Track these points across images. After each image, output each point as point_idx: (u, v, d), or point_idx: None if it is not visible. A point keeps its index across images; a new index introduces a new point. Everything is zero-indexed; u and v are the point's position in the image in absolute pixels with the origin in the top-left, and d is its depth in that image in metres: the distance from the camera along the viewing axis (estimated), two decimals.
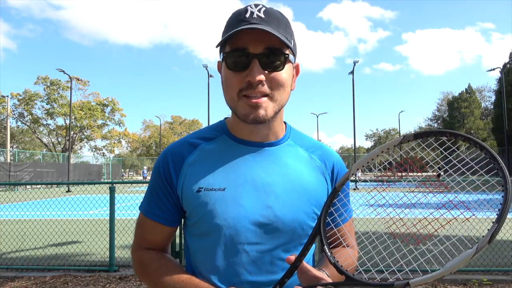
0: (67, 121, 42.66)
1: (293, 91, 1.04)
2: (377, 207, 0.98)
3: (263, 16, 0.92)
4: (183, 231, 1.14)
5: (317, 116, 49.51)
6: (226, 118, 1.12)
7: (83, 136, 47.68)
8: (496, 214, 0.72)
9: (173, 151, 1.05)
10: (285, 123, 1.11)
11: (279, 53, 0.94)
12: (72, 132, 40.80)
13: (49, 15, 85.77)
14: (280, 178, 1.01)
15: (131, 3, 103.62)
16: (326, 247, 0.90)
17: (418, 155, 1.00)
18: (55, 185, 19.29)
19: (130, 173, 63.56)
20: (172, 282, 0.97)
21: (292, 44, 0.96)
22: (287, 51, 0.96)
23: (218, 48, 1.00)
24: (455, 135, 0.83)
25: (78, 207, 10.97)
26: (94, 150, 51.33)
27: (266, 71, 0.93)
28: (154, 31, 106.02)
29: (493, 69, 29.65)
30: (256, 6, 0.94)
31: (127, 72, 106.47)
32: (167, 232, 1.07)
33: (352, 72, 26.69)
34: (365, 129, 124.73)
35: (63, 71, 28.23)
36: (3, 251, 6.73)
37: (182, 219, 1.09)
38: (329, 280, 0.87)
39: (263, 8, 0.94)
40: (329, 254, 0.88)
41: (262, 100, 0.94)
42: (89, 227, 8.28)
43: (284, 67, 0.96)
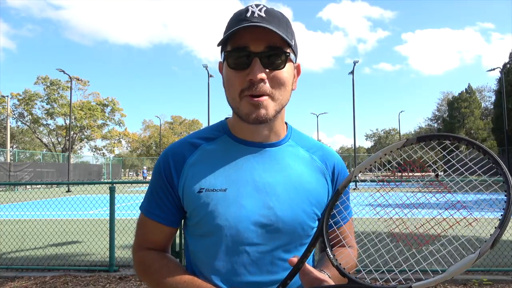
0: (67, 121, 42.70)
1: (293, 91, 1.03)
2: (378, 207, 0.98)
3: (264, 15, 0.93)
4: (183, 231, 1.14)
5: (317, 116, 49.56)
6: (227, 118, 1.12)
7: (83, 136, 47.66)
8: (499, 219, 0.72)
9: (174, 151, 1.05)
10: (286, 123, 1.11)
11: (280, 52, 0.94)
12: (72, 132, 40.80)
13: (49, 15, 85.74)
14: (281, 178, 1.01)
15: (131, 3, 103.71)
16: (329, 249, 0.89)
17: (420, 156, 1.00)
18: (55, 185, 19.29)
19: (130, 173, 63.53)
20: (174, 283, 0.97)
21: (293, 43, 0.96)
22: (288, 50, 0.96)
23: (220, 49, 1.00)
24: (458, 139, 0.83)
25: (78, 207, 10.98)
26: (94, 150, 51.36)
27: (267, 70, 0.93)
28: (153, 31, 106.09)
29: (493, 69, 29.62)
30: (257, 6, 0.95)
31: (127, 72, 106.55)
32: (167, 232, 1.07)
33: (352, 72, 26.69)
34: (365, 129, 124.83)
35: (63, 71, 28.21)
36: (3, 251, 6.72)
37: (182, 220, 1.09)
38: (331, 282, 0.87)
39: (264, 8, 0.94)
40: (331, 256, 0.88)
41: (263, 98, 0.94)
42: (89, 227, 8.28)
43: (285, 65, 0.96)
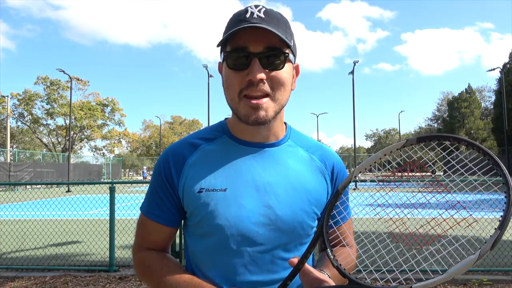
0: (67, 121, 42.69)
1: (292, 91, 1.04)
2: (378, 207, 0.98)
3: (263, 16, 0.93)
4: (183, 231, 1.14)
5: (317, 116, 49.56)
6: (227, 118, 1.13)
7: (83, 136, 47.67)
8: (499, 220, 0.72)
9: (174, 152, 1.05)
10: (285, 124, 1.12)
11: (279, 52, 0.94)
12: (72, 132, 40.80)
13: (48, 15, 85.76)
14: (280, 178, 1.01)
15: (130, 3, 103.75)
16: (329, 249, 0.89)
17: (420, 157, 0.99)
18: (55, 185, 19.27)
19: (130, 173, 63.53)
20: (174, 282, 0.97)
21: (292, 43, 0.97)
22: (287, 50, 0.96)
23: (219, 50, 1.01)
24: (458, 140, 0.83)
25: (78, 207, 10.97)
26: (94, 150, 51.37)
27: (267, 70, 0.94)
28: (153, 31, 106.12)
29: (493, 69, 29.59)
30: (256, 7, 0.95)
31: (126, 72, 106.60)
32: (167, 233, 1.07)
33: (352, 72, 26.68)
34: (365, 129, 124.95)
35: (63, 71, 28.21)
36: (3, 251, 6.73)
37: (182, 220, 1.09)
38: (331, 283, 0.87)
39: (263, 9, 0.95)
40: (332, 257, 0.88)
41: (263, 101, 0.94)
42: (89, 227, 8.28)
43: (284, 66, 0.96)
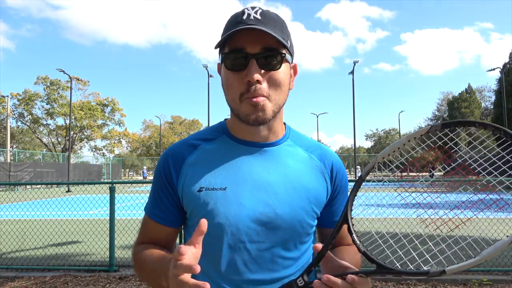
0: (67, 121, 42.69)
1: (292, 91, 1.06)
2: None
3: (260, 18, 0.95)
4: (183, 231, 1.15)
5: (317, 116, 49.60)
6: (226, 119, 1.13)
7: (83, 136, 47.67)
8: None
9: (174, 152, 1.06)
10: (284, 123, 1.12)
11: (275, 53, 0.96)
12: (72, 132, 40.82)
13: (48, 15, 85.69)
14: (280, 177, 1.02)
15: (130, 3, 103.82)
16: (355, 235, 0.88)
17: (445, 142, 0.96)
18: (55, 185, 19.26)
19: (130, 173, 63.55)
20: (149, 261, 0.99)
21: (288, 44, 0.98)
22: (283, 51, 0.97)
23: (218, 50, 1.02)
24: (484, 126, 0.80)
25: (78, 207, 10.96)
26: (94, 150, 51.36)
27: (264, 71, 0.95)
28: (152, 31, 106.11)
29: (493, 69, 29.65)
30: (253, 8, 0.97)
31: (126, 72, 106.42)
32: (168, 233, 1.08)
33: (352, 72, 26.71)
34: (365, 129, 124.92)
35: (63, 71, 28.23)
36: (3, 251, 6.73)
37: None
38: (355, 269, 0.85)
39: (260, 10, 0.97)
40: (358, 242, 0.87)
41: (261, 99, 0.95)
42: (89, 227, 8.29)
43: (281, 66, 0.97)
